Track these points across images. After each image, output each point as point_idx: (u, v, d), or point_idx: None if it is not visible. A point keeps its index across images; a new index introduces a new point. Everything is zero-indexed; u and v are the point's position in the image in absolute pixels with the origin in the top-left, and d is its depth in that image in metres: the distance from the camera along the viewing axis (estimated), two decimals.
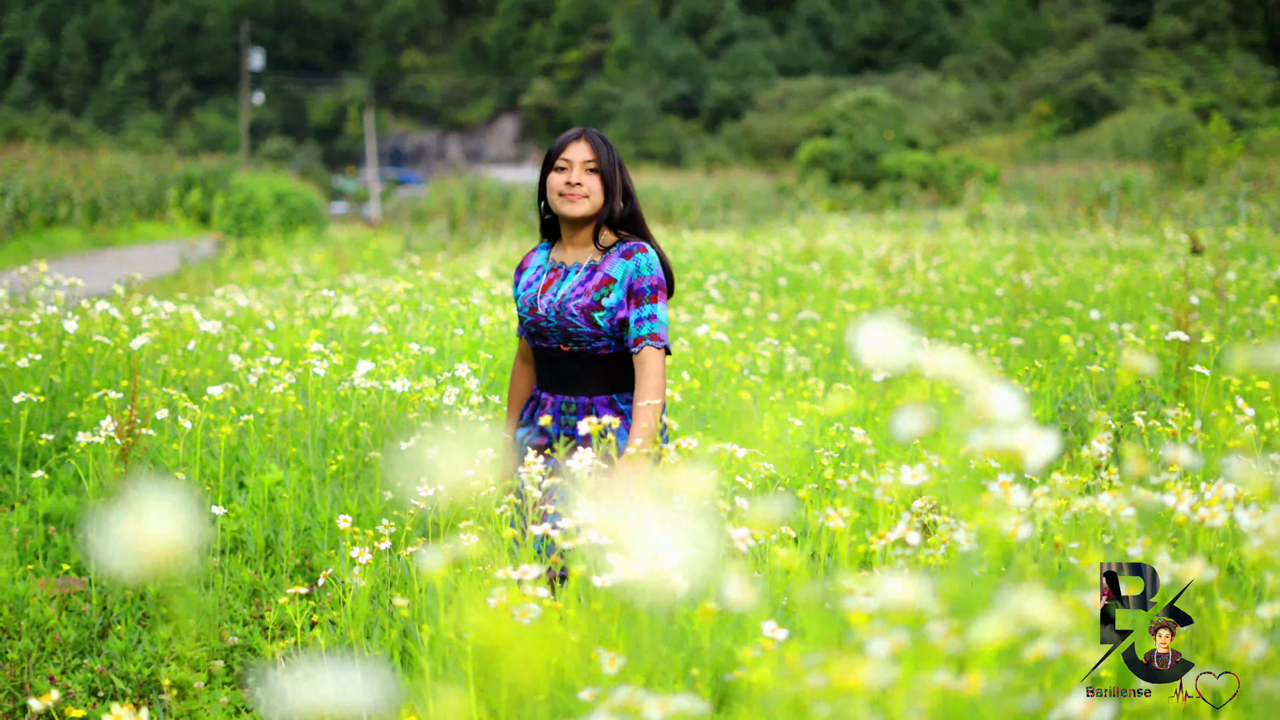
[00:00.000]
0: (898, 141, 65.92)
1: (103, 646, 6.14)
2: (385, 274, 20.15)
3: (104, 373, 8.95)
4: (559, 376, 5.73)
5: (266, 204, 38.92)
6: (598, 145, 5.70)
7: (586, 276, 5.65)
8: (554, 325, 5.63)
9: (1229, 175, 41.59)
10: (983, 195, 42.05)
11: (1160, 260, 18.26)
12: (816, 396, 9.55)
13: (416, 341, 8.73)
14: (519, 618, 3.46)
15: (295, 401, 7.75)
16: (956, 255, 20.98)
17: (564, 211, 5.66)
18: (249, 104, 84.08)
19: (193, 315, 9.70)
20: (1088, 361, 9.45)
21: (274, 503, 7.22)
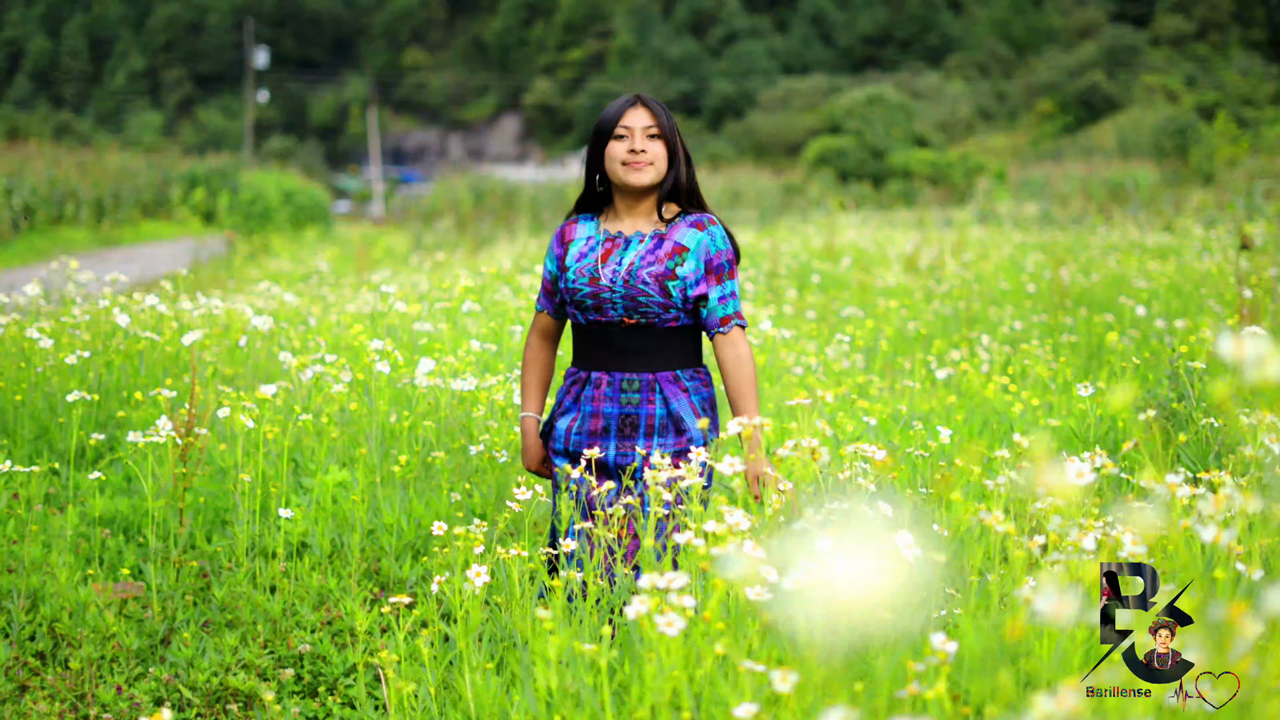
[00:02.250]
0: (905, 139, 65.78)
1: (166, 654, 5.93)
2: (409, 272, 19.93)
3: (151, 370, 8.73)
4: (617, 352, 5.41)
5: (275, 202, 38.86)
6: (656, 110, 5.44)
7: (655, 244, 5.38)
8: (620, 296, 5.33)
9: (1237, 173, 41.50)
10: (995, 193, 41.91)
11: (1189, 255, 18.08)
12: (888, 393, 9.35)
13: (477, 339, 8.51)
14: (664, 628, 3.24)
15: (350, 400, 7.53)
16: (985, 252, 20.80)
17: (629, 181, 5.38)
18: (253, 102, 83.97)
19: (244, 311, 9.46)
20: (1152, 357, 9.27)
21: (336, 505, 7.01)
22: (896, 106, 67.69)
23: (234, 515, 6.96)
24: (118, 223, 40.75)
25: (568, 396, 5.54)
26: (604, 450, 5.36)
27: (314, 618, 6.18)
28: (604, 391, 5.41)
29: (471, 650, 4.32)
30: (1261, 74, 79.23)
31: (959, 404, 9.42)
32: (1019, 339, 13.14)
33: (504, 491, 7.10)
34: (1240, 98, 75.21)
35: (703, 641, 3.41)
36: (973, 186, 50.10)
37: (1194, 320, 12.00)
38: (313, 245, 33.67)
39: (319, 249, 31.16)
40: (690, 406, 5.37)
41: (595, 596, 4.45)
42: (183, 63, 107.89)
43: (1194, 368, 7.29)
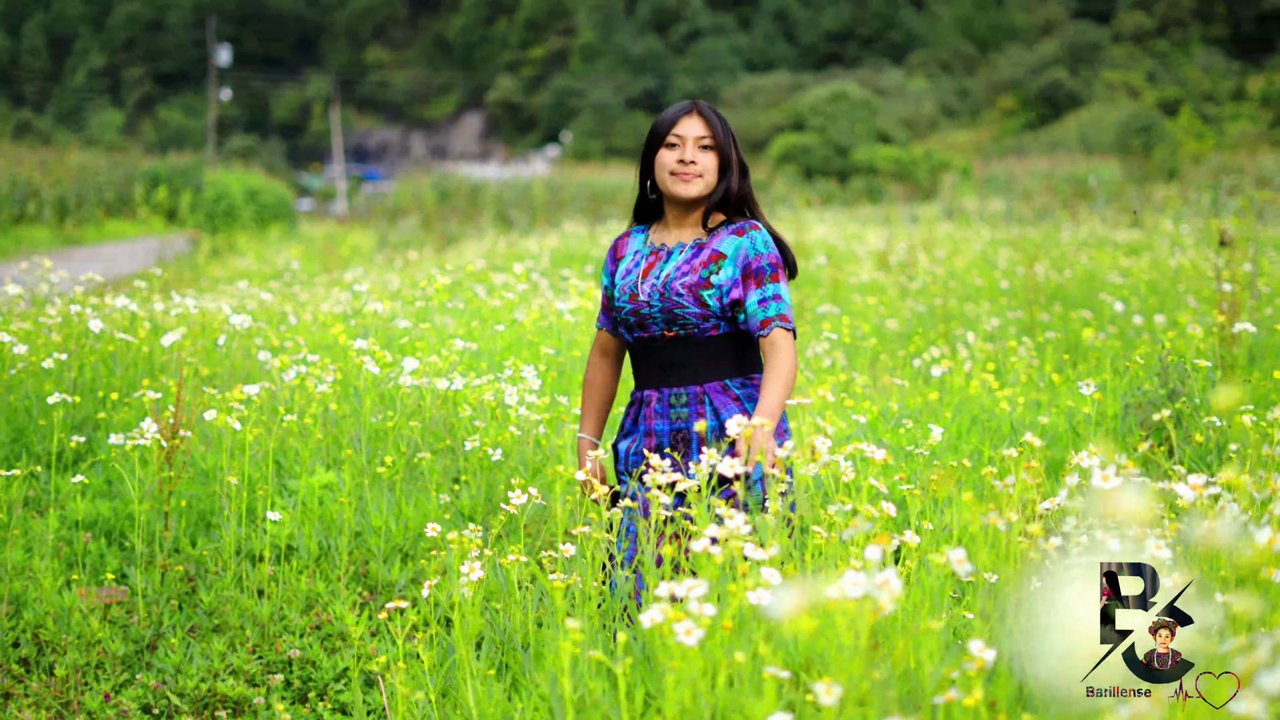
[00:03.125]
0: (869, 136, 65.88)
1: (153, 660, 5.83)
2: (379, 270, 19.82)
3: (129, 371, 8.61)
4: (663, 367, 5.28)
5: (239, 201, 38.71)
6: (711, 119, 5.27)
7: (693, 254, 5.24)
8: (658, 310, 5.21)
9: (1200, 169, 41.64)
10: (960, 190, 41.97)
11: (1160, 251, 18.08)
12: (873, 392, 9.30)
13: (460, 338, 8.42)
14: (683, 637, 3.17)
15: (333, 401, 7.44)
16: (956, 249, 20.78)
17: (676, 192, 5.25)
18: (216, 100, 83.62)
19: (222, 310, 9.34)
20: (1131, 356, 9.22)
21: (322, 507, 6.91)
22: (860, 103, 67.80)
23: (219, 518, 6.87)
24: (80, 221, 40.52)
25: (628, 419, 5.43)
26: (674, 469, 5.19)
27: (302, 622, 6.09)
28: (654, 409, 5.30)
29: (471, 656, 4.24)
30: (1222, 70, 79.64)
31: (945, 402, 9.37)
32: (996, 336, 13.11)
33: (494, 493, 7.03)
34: (1201, 94, 75.65)
35: (719, 650, 3.34)
36: (937, 183, 50.23)
37: (1173, 316, 11.97)
38: (277, 244, 33.51)
39: (284, 247, 31.01)
40: (743, 415, 5.12)
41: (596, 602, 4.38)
42: (143, 61, 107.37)
43: (1187, 365, 7.25)
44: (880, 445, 5.24)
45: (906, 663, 3.40)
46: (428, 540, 6.85)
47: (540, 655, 4.42)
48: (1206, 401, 6.90)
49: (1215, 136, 58.46)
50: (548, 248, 22.49)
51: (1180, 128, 53.57)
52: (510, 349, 9.03)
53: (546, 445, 7.39)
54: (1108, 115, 70.78)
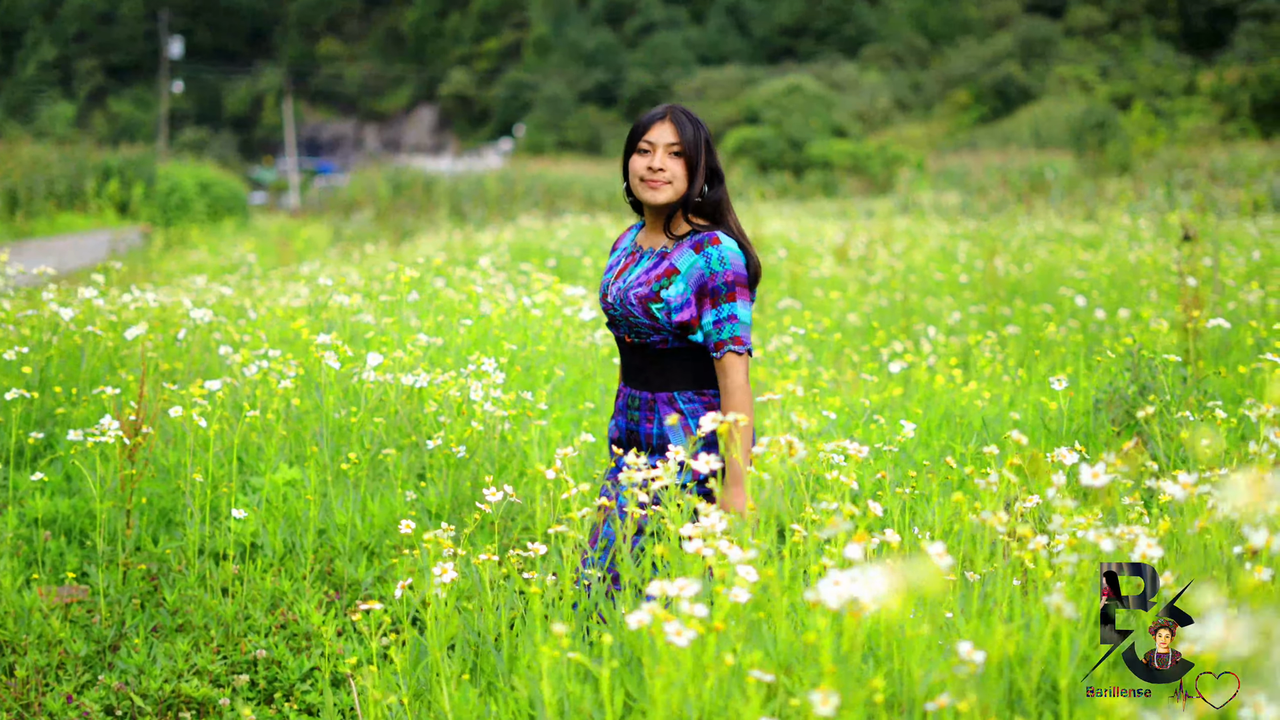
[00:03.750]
0: (824, 129, 65.93)
1: (116, 661, 5.73)
2: (337, 263, 19.69)
3: (89, 366, 8.49)
4: (627, 368, 5.37)
5: (192, 193, 38.50)
6: (683, 125, 5.21)
7: (654, 264, 5.22)
8: (619, 314, 5.23)
9: (1152, 163, 41.82)
10: (916, 184, 42.02)
11: (1118, 245, 18.09)
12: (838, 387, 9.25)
13: (425, 333, 8.32)
14: (674, 638, 3.10)
15: (295, 397, 7.34)
16: (914, 243, 20.76)
17: (645, 198, 5.23)
18: (168, 93, 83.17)
19: (183, 304, 9.21)
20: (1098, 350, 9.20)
21: (286, 504, 6.82)
22: (815, 97, 67.89)
23: (182, 516, 6.78)
24: (31, 214, 40.18)
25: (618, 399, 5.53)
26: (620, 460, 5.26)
27: (267, 621, 6.01)
28: (619, 404, 5.40)
29: (444, 659, 4.16)
30: (1173, 65, 79.98)
31: (912, 397, 9.33)
32: (958, 330, 13.08)
33: (459, 489, 6.94)
34: (1153, 89, 75.97)
35: (708, 653, 3.27)
36: (892, 176, 50.31)
37: (1135, 310, 11.95)
38: (231, 237, 33.35)
39: (237, 241, 30.86)
40: (684, 429, 5.14)
41: (572, 602, 4.32)
42: (95, 53, 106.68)
43: (1157, 360, 7.22)
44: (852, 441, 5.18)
45: (893, 666, 3.35)
46: (393, 537, 6.77)
47: (515, 657, 4.34)
48: (1178, 397, 6.86)
49: (1167, 131, 58.73)
50: (505, 241, 22.40)
51: (1132, 123, 53.80)
52: (476, 344, 8.94)
53: (512, 441, 7.31)
54: (1060, 109, 71.04)
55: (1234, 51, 77.57)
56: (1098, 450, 6.73)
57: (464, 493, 6.92)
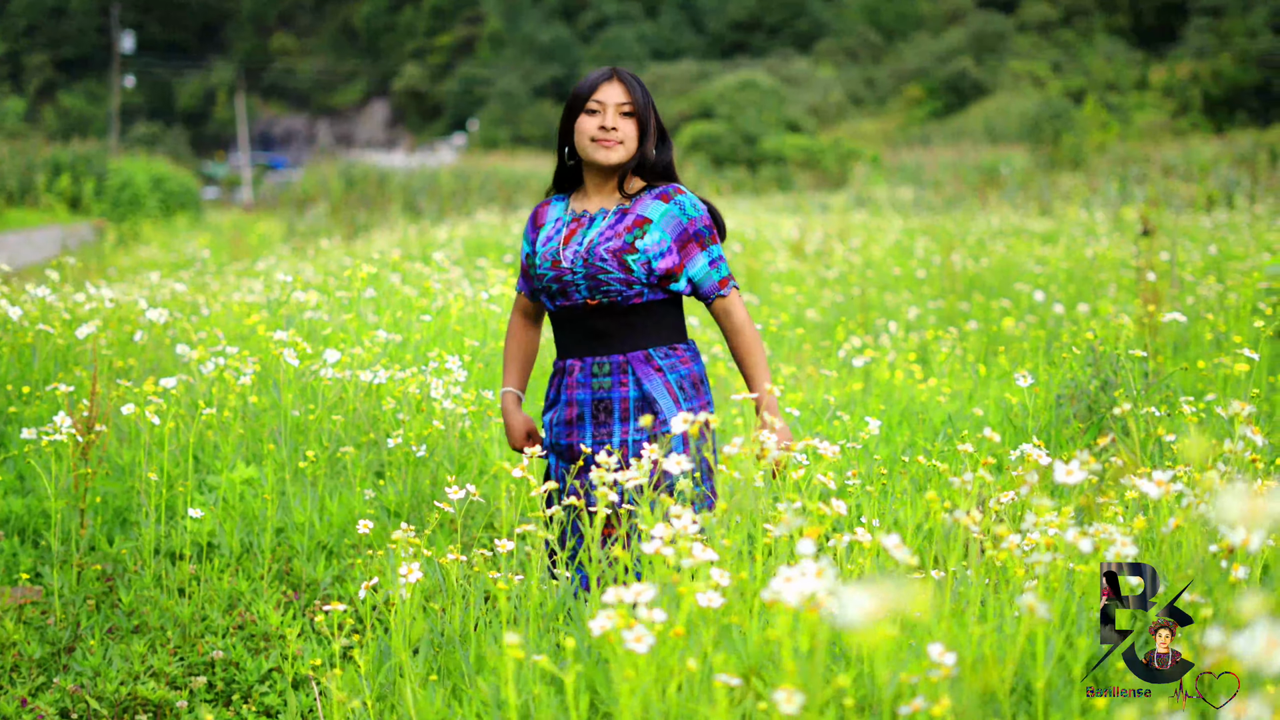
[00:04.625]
0: (778, 124, 65.95)
1: (71, 663, 5.63)
2: (292, 259, 19.57)
3: (42, 363, 8.39)
4: (586, 335, 5.22)
5: (144, 189, 38.23)
6: (632, 86, 5.19)
7: (616, 219, 5.17)
8: (580, 276, 5.12)
9: (1105, 158, 41.99)
10: (874, 179, 42.05)
11: (1074, 239, 18.13)
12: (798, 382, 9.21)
13: (384, 329, 8.24)
14: (632, 644, 3.03)
15: (253, 394, 7.25)
16: (871, 237, 20.76)
17: (597, 159, 5.16)
18: (119, 87, 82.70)
19: (138, 302, 9.09)
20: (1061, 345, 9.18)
21: (243, 503, 6.73)
22: (769, 92, 67.91)
23: (137, 515, 6.69)
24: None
25: (551, 389, 5.38)
26: (580, 439, 5.19)
27: (225, 622, 5.92)
28: (576, 378, 5.22)
29: (409, 661, 4.09)
30: (1125, 60, 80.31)
31: (873, 393, 9.29)
32: (917, 326, 13.07)
33: (420, 488, 6.87)
34: (1105, 83, 76.30)
35: (671, 657, 3.21)
36: (846, 171, 50.34)
37: (1094, 305, 11.95)
38: (184, 232, 33.17)
39: (191, 236, 30.69)
40: (666, 387, 5.17)
41: (539, 602, 4.26)
42: (45, 47, 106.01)
43: (1121, 355, 7.19)
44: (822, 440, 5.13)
45: (862, 668, 3.30)
46: (352, 536, 6.70)
47: (481, 658, 4.28)
48: (1143, 392, 6.84)
49: (1120, 126, 58.99)
50: (459, 236, 22.32)
51: (1085, 118, 53.99)
52: (434, 340, 8.87)
53: (472, 439, 7.24)
54: (1013, 105, 71.28)
55: (1185, 46, 77.98)
56: (1063, 446, 6.70)
57: (424, 491, 6.86)
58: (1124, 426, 6.62)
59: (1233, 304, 10.85)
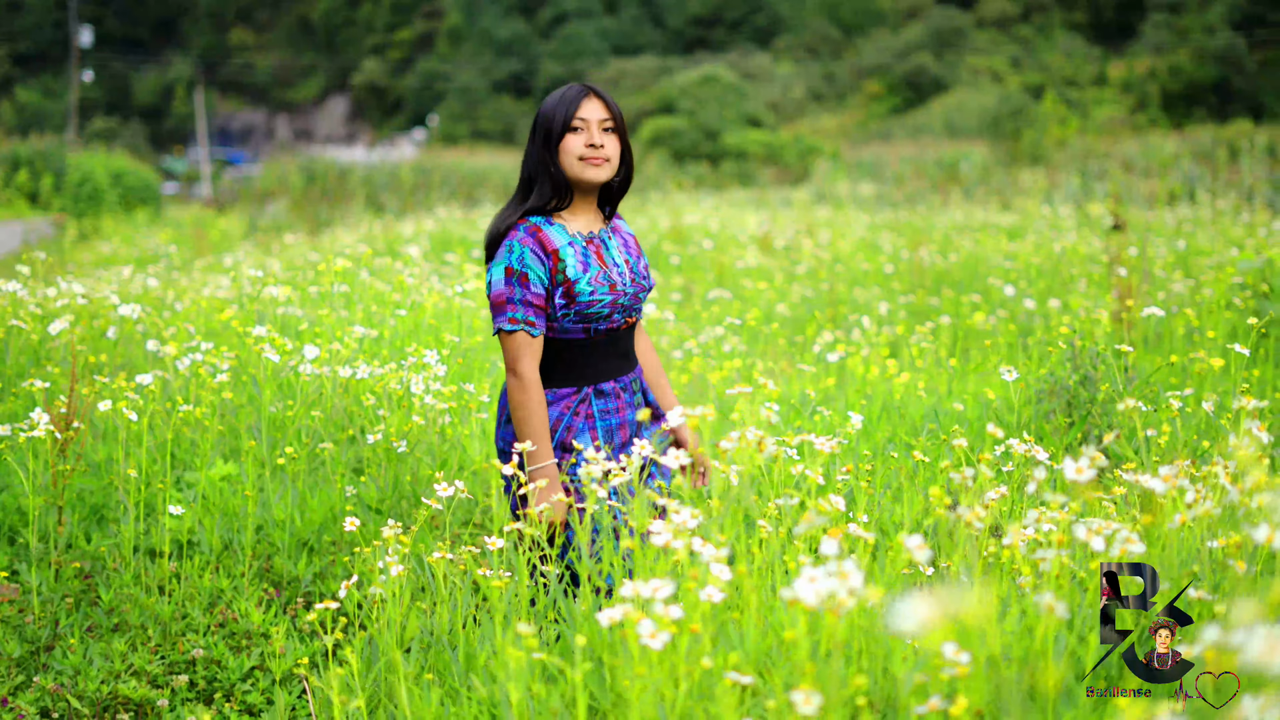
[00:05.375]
0: (739, 120, 65.96)
1: (50, 661, 5.56)
2: (259, 254, 19.47)
3: (17, 359, 8.30)
4: (622, 356, 5.18)
5: (104, 184, 38.02)
6: (610, 103, 5.13)
7: (623, 241, 5.22)
8: (630, 297, 5.09)
9: (1065, 153, 42.12)
10: (835, 174, 42.08)
11: (1040, 235, 18.16)
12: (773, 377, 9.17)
13: (360, 324, 8.18)
14: (647, 640, 2.99)
15: (229, 390, 7.18)
16: (839, 233, 20.75)
17: (585, 177, 5.06)
18: (78, 82, 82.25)
19: (109, 298, 9.00)
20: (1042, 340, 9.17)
21: (222, 499, 6.67)
22: (729, 87, 67.90)
23: (115, 512, 6.63)
24: None
25: (577, 418, 5.07)
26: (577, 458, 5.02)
27: (206, 620, 5.87)
28: (624, 400, 5.14)
29: (402, 660, 4.05)
30: (1083, 55, 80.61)
31: (854, 389, 9.26)
32: (888, 320, 13.06)
33: (401, 484, 6.82)
34: (1064, 79, 76.58)
35: (678, 655, 3.17)
36: (807, 167, 50.37)
37: (1066, 300, 11.96)
38: (144, 228, 32.97)
39: (151, 231, 30.51)
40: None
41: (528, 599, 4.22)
42: (2, 41, 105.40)
43: (1101, 349, 7.18)
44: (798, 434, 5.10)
45: (873, 666, 3.27)
46: (332, 532, 6.65)
47: (471, 656, 4.24)
48: (1128, 387, 6.82)
49: (1079, 122, 59.19)
50: (425, 231, 22.25)
51: (1043, 113, 54.16)
52: (410, 335, 8.81)
53: (452, 435, 7.19)
54: (972, 100, 71.53)
55: (1143, 42, 78.29)
56: (1048, 441, 6.68)
57: (405, 487, 6.81)
58: (1110, 423, 6.61)
59: (1205, 299, 10.88)
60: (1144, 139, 50.51)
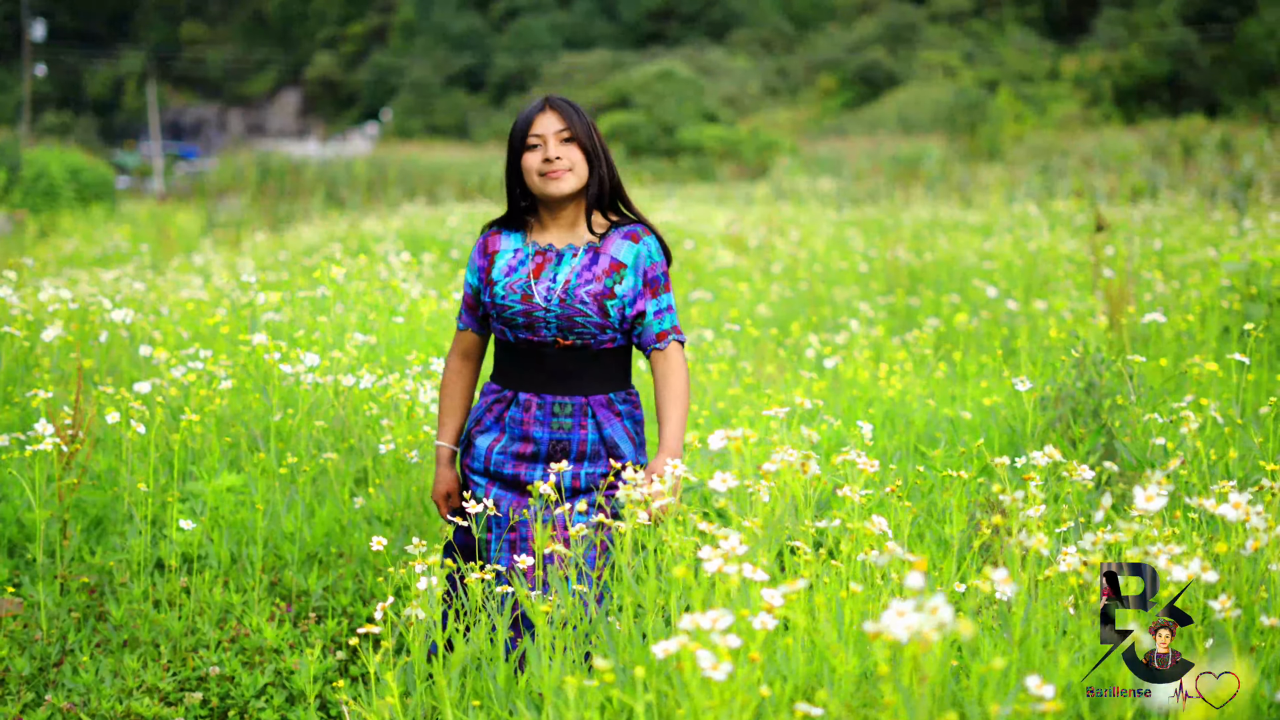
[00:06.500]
0: (695, 115, 65.95)
1: (61, 679, 5.49)
2: (228, 254, 19.34)
3: (10, 366, 8.17)
4: (549, 374, 5.09)
5: (60, 180, 37.73)
6: (567, 112, 5.06)
7: (590, 260, 5.07)
8: (554, 316, 5.00)
9: (1021, 149, 42.30)
10: (793, 170, 42.10)
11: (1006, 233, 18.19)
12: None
13: (358, 331, 8.09)
14: (710, 672, 2.95)
15: (232, 399, 7.11)
16: (809, 230, 20.73)
17: (549, 192, 5.04)
18: (30, 76, 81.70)
19: (101, 303, 8.85)
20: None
21: (229, 512, 6.58)
22: (686, 82, 67.91)
23: (120, 523, 6.55)
24: None
25: (489, 414, 5.21)
26: (529, 472, 5.07)
27: (216, 635, 5.79)
28: (534, 415, 5.09)
29: (445, 684, 3.98)
30: (1037, 50, 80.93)
31: (843, 393, 9.23)
32: (872, 322, 13.03)
33: (411, 495, 6.73)
34: (1018, 74, 76.85)
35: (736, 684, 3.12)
36: (765, 161, 50.40)
37: (1051, 303, 11.94)
38: (102, 224, 32.68)
39: (109, 228, 30.25)
40: (625, 431, 5.13)
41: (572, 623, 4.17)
42: None
43: (1106, 356, 7.16)
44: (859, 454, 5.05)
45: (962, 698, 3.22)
46: (338, 543, 6.59)
47: (510, 680, 4.18)
48: (1137, 395, 6.80)
49: (1034, 117, 59.44)
50: (393, 230, 22.09)
51: (998, 109, 54.33)
52: (408, 341, 8.72)
53: None
54: (925, 95, 71.75)
55: (1096, 38, 78.62)
56: (1065, 451, 6.63)
57: (414, 498, 6.73)
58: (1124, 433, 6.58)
59: (1191, 301, 10.89)
60: (1098, 134, 50.70)
